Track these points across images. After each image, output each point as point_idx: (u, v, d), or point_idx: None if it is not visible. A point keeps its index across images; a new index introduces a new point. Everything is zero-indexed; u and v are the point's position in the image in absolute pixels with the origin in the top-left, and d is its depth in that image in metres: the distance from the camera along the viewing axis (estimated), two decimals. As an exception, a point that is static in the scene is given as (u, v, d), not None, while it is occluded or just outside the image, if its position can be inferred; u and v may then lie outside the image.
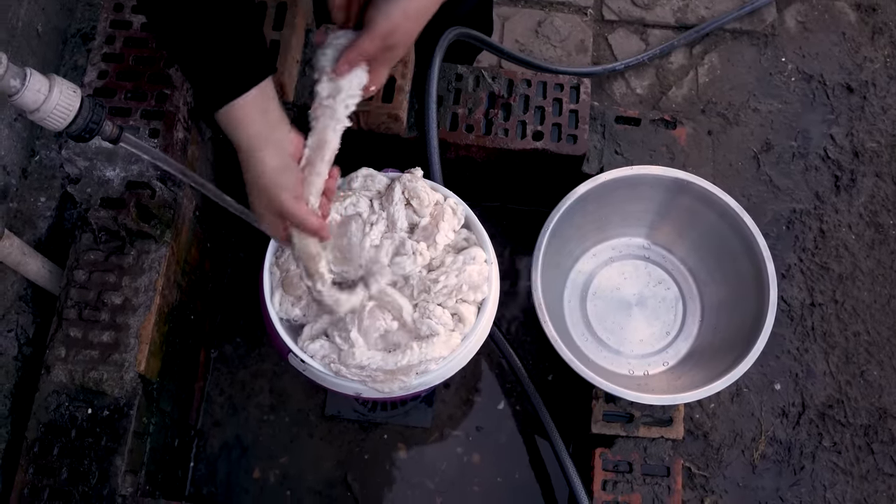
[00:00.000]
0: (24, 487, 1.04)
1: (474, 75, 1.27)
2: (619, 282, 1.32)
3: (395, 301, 0.99)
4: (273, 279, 1.02)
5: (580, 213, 1.23)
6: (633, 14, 1.74)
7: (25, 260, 1.10)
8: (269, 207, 0.90)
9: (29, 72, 0.76)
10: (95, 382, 1.07)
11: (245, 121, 0.85)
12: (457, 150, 1.27)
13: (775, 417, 1.43)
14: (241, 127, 0.85)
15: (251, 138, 0.86)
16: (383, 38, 0.89)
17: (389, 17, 0.88)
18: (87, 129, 0.80)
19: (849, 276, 1.53)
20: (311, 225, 0.91)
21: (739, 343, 1.16)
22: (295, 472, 1.31)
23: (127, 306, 1.11)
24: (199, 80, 0.86)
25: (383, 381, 0.97)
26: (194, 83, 0.88)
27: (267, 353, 1.37)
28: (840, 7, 1.75)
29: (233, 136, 0.86)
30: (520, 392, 1.35)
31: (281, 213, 0.90)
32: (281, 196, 0.88)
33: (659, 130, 1.29)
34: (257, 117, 0.85)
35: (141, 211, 1.13)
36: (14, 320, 1.19)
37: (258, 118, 0.85)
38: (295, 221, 0.90)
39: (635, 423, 1.17)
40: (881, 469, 1.42)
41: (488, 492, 1.31)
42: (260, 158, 0.87)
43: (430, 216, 1.04)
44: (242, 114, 0.84)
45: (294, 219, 0.90)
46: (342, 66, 0.90)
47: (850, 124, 1.64)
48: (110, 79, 1.19)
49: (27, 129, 1.30)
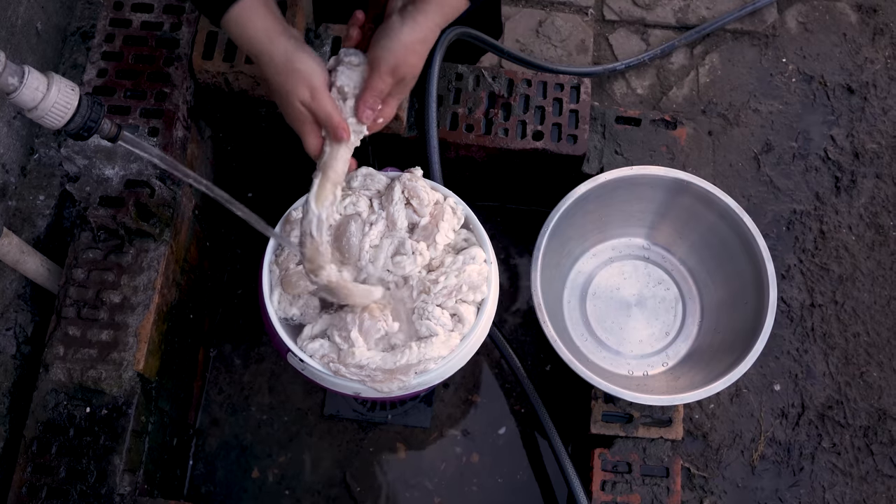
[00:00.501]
0: (23, 486, 1.04)
1: (474, 75, 1.27)
2: (618, 282, 1.32)
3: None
4: (272, 278, 1.02)
5: (580, 213, 1.23)
6: (633, 14, 1.74)
7: (24, 258, 1.10)
8: (294, 109, 0.90)
9: (27, 69, 0.75)
10: (94, 381, 1.07)
11: (250, 19, 0.86)
12: (457, 150, 1.27)
13: (775, 418, 1.43)
14: (247, 26, 0.86)
15: (260, 34, 0.87)
16: (391, 74, 0.91)
17: (393, 51, 0.90)
18: (86, 128, 0.80)
19: (849, 277, 1.53)
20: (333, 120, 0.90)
21: (739, 344, 1.16)
22: (294, 472, 1.31)
23: (126, 305, 1.10)
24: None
25: (382, 380, 0.97)
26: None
27: (266, 353, 1.37)
28: (841, 8, 1.75)
29: (242, 39, 0.87)
30: (519, 392, 1.35)
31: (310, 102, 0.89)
32: (312, 81, 0.88)
33: (659, 131, 1.28)
34: (261, 13, 0.86)
35: (140, 209, 1.13)
36: (13, 319, 1.19)
37: (262, 14, 0.86)
38: (322, 113, 0.89)
39: (634, 423, 1.16)
40: (880, 470, 1.42)
41: (487, 492, 1.31)
42: (284, 48, 0.87)
43: (429, 216, 1.03)
44: (246, 13, 0.85)
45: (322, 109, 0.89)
46: (363, 112, 0.93)
47: (850, 125, 1.64)
48: (110, 77, 1.19)
49: (26, 128, 1.30)
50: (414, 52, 0.90)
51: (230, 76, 1.20)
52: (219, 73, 1.20)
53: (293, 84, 0.89)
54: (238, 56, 1.19)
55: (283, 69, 0.88)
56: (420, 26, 0.90)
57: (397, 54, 0.90)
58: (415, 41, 0.90)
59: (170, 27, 1.22)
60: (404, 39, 0.89)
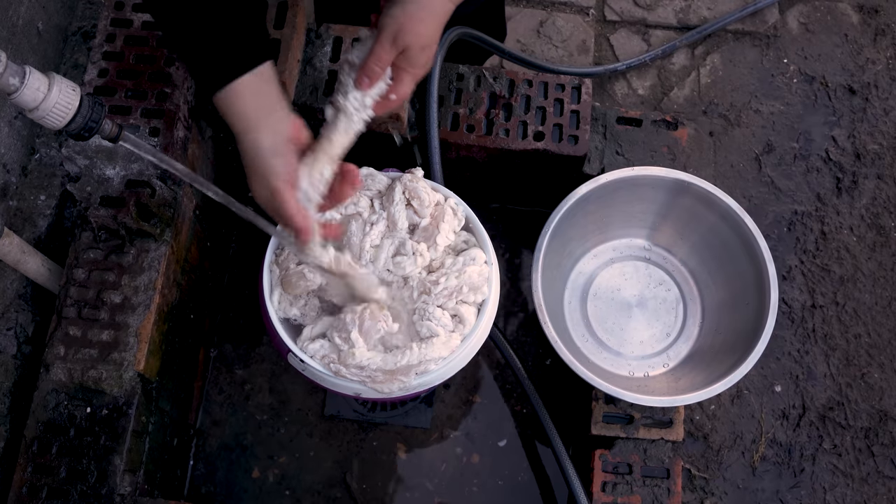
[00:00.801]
0: (23, 486, 1.04)
1: (475, 75, 1.27)
2: (619, 283, 1.32)
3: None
4: (273, 278, 1.02)
5: (581, 213, 1.22)
6: (634, 14, 1.74)
7: (25, 258, 1.10)
8: (261, 196, 0.90)
9: (28, 70, 0.75)
10: (94, 381, 1.07)
11: (239, 104, 0.86)
12: (457, 151, 1.26)
13: (775, 419, 1.43)
14: (235, 110, 0.86)
15: (246, 120, 0.87)
16: (392, 41, 0.89)
17: (394, 17, 0.89)
18: (87, 128, 0.80)
19: (850, 279, 1.53)
20: (295, 223, 0.89)
21: (740, 345, 1.16)
22: (294, 472, 1.31)
23: (126, 305, 1.10)
24: (196, 64, 0.87)
25: (383, 381, 0.97)
26: (192, 68, 0.89)
27: (266, 353, 1.37)
28: (842, 9, 1.75)
29: (228, 119, 0.88)
30: (519, 393, 1.35)
31: (270, 201, 0.89)
32: (272, 181, 0.88)
33: (660, 131, 1.28)
34: (252, 100, 0.86)
35: (141, 210, 1.13)
36: (13, 318, 1.19)
37: (253, 101, 0.86)
38: (281, 213, 0.89)
39: (635, 424, 1.16)
40: (881, 472, 1.42)
41: (487, 493, 1.31)
42: (253, 140, 0.87)
43: (430, 217, 1.03)
44: (237, 97, 0.85)
45: (281, 210, 0.89)
46: (361, 79, 0.91)
47: (851, 126, 1.64)
48: (111, 77, 1.19)
49: (27, 127, 1.30)
50: (418, 20, 0.89)
51: (231, 76, 1.20)
52: (220, 73, 1.20)
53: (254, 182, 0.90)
54: (239, 56, 1.19)
55: (249, 164, 0.89)
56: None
57: (399, 20, 0.88)
58: (419, 9, 0.88)
59: (171, 27, 1.21)
60: (407, 7, 0.88)
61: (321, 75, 1.24)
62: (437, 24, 0.91)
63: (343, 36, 1.26)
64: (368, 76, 0.91)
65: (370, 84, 0.92)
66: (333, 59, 1.25)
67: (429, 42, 0.91)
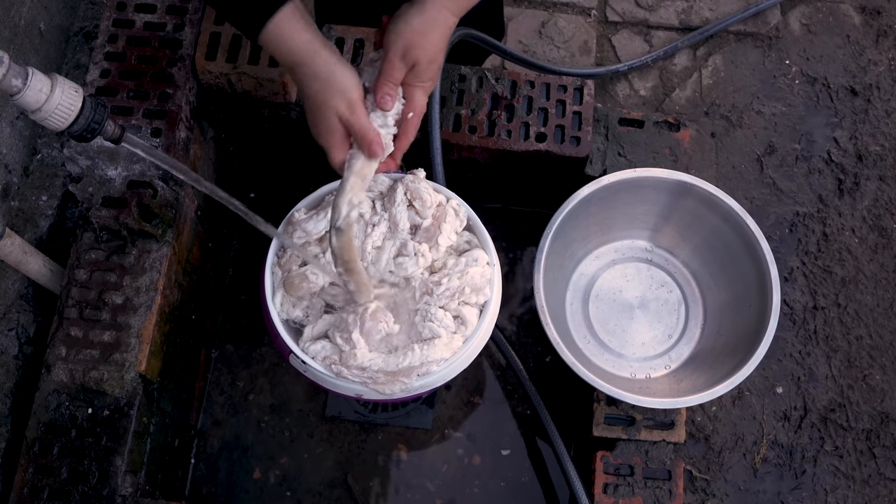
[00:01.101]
0: (24, 487, 1.04)
1: (478, 76, 1.27)
2: (621, 284, 1.32)
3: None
4: (275, 279, 1.02)
5: (583, 215, 1.22)
6: (636, 15, 1.73)
7: (26, 259, 1.10)
8: (332, 116, 0.90)
9: (31, 71, 0.75)
10: (96, 382, 1.07)
11: (288, 33, 0.86)
12: (459, 152, 1.26)
13: (777, 421, 1.43)
14: (286, 40, 0.86)
15: (299, 49, 0.87)
16: (401, 57, 0.90)
17: (401, 34, 0.90)
18: (89, 129, 0.80)
19: (851, 280, 1.53)
20: (370, 135, 0.90)
21: (742, 346, 1.16)
22: (295, 473, 1.30)
23: (128, 306, 1.10)
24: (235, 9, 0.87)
25: (384, 382, 0.97)
26: (232, 14, 0.90)
27: (268, 354, 1.37)
28: (844, 10, 1.75)
29: (281, 53, 0.88)
30: (521, 394, 1.35)
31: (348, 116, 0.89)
32: (349, 95, 0.88)
33: (662, 133, 1.28)
34: (299, 27, 0.86)
35: (142, 210, 1.13)
36: (15, 319, 1.19)
37: (300, 28, 0.86)
38: (357, 127, 0.90)
39: (637, 426, 1.16)
40: (883, 473, 1.41)
41: (489, 494, 1.31)
42: (324, 61, 0.87)
43: (432, 218, 1.03)
44: (283, 28, 0.86)
45: (358, 124, 0.89)
46: (385, 100, 0.92)
47: (853, 127, 1.64)
48: (113, 78, 1.19)
49: (29, 128, 1.30)
50: (422, 34, 0.90)
51: (233, 77, 1.20)
52: (222, 73, 1.20)
53: (331, 96, 0.89)
54: (241, 57, 1.19)
55: (323, 81, 0.88)
56: (428, 10, 0.90)
57: (405, 37, 0.89)
58: (423, 23, 0.89)
59: (173, 28, 1.22)
60: (412, 22, 0.89)
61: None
62: (443, 36, 0.92)
63: (345, 37, 1.26)
64: (390, 95, 0.92)
65: (392, 104, 0.93)
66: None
67: (436, 55, 0.92)
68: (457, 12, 0.91)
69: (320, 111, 0.90)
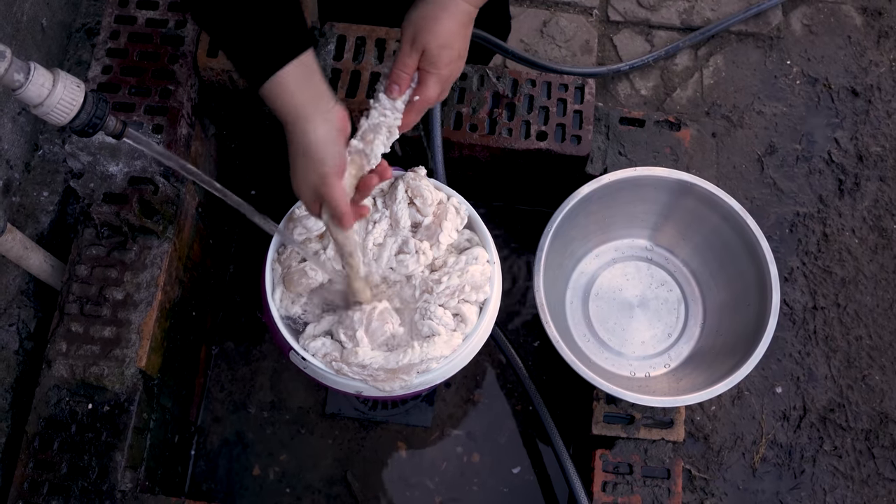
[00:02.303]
0: (24, 481, 1.04)
1: (479, 74, 1.27)
2: (621, 283, 1.32)
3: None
4: (275, 276, 1.02)
5: (583, 213, 1.22)
6: (638, 15, 1.74)
7: (27, 254, 1.10)
8: (307, 182, 0.90)
9: (33, 66, 0.75)
10: (96, 377, 1.07)
11: (288, 92, 0.86)
12: (460, 150, 1.27)
13: (776, 421, 1.43)
14: (285, 99, 0.86)
15: (296, 109, 0.87)
16: (412, 43, 0.91)
17: (410, 20, 0.91)
18: (91, 124, 0.80)
19: (851, 280, 1.53)
20: (341, 208, 0.90)
21: (741, 346, 1.16)
22: (295, 470, 1.31)
23: (128, 302, 1.10)
24: (242, 58, 0.87)
25: (384, 379, 0.97)
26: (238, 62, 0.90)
27: (268, 351, 1.37)
28: (846, 11, 1.75)
29: (278, 109, 0.88)
30: (521, 392, 1.35)
31: (319, 187, 0.90)
32: (323, 169, 0.88)
33: (663, 132, 1.28)
34: (300, 88, 0.86)
35: (143, 206, 1.13)
36: (15, 314, 1.19)
37: (301, 89, 0.86)
38: (328, 199, 0.90)
39: (636, 424, 1.16)
40: (882, 474, 1.42)
41: (488, 491, 1.31)
42: (304, 129, 0.88)
43: (433, 215, 1.04)
44: (285, 86, 0.85)
45: (328, 196, 0.90)
46: (391, 87, 0.93)
47: (854, 128, 1.64)
48: (114, 74, 1.19)
49: (31, 124, 1.30)
50: (433, 19, 0.90)
51: (234, 74, 1.20)
52: (223, 70, 1.20)
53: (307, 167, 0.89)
54: (243, 54, 1.19)
55: (301, 150, 0.89)
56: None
57: (415, 23, 0.90)
58: (433, 9, 0.90)
59: (175, 24, 1.22)
60: (421, 8, 0.90)
61: (325, 74, 1.24)
62: (456, 23, 0.91)
63: (347, 34, 1.26)
64: (397, 83, 0.93)
65: (400, 91, 0.93)
66: (337, 57, 1.25)
67: (448, 41, 0.92)
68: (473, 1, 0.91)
69: (296, 174, 0.91)
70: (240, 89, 1.23)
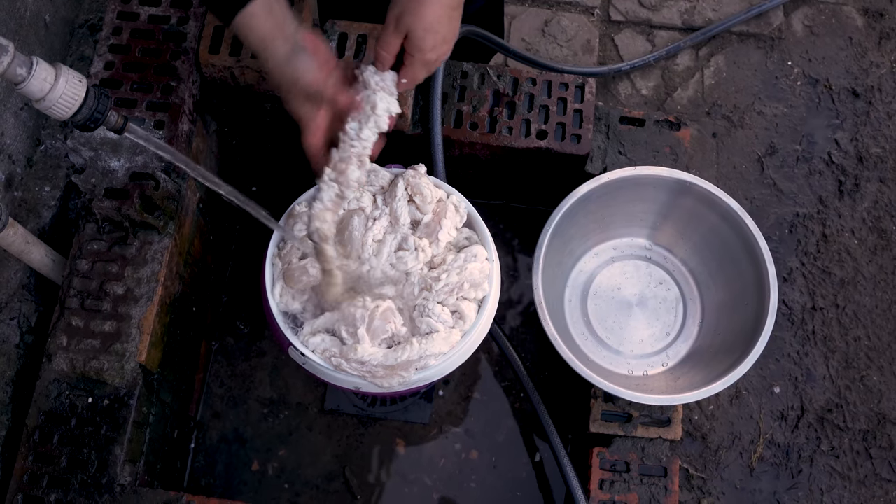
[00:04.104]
0: (24, 474, 1.05)
1: (480, 73, 1.28)
2: (620, 282, 1.32)
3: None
4: (275, 271, 1.02)
5: (582, 212, 1.23)
6: (639, 15, 1.74)
7: (29, 248, 1.11)
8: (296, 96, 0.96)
9: (35, 61, 0.76)
10: (96, 372, 1.08)
11: (253, 23, 0.91)
12: (461, 148, 1.27)
13: (774, 420, 1.44)
14: (252, 30, 0.91)
15: (263, 38, 0.92)
16: (395, 25, 0.92)
17: (396, 2, 0.93)
18: (93, 119, 0.80)
19: (850, 281, 1.53)
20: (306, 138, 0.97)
21: (739, 345, 1.17)
22: (293, 466, 1.31)
23: (129, 296, 1.11)
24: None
25: (383, 376, 0.97)
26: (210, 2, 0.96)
27: (268, 346, 1.37)
28: (847, 12, 1.75)
29: (248, 41, 0.94)
30: (519, 390, 1.36)
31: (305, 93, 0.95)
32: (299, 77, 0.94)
33: (663, 131, 1.29)
34: (264, 18, 0.91)
35: (144, 202, 1.13)
36: (16, 308, 1.20)
37: (265, 19, 0.91)
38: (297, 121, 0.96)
39: (633, 423, 1.17)
40: (879, 474, 1.42)
41: (486, 488, 1.31)
42: (272, 51, 0.93)
43: (432, 213, 1.04)
44: (250, 19, 0.90)
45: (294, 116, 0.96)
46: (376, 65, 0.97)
47: (855, 129, 1.64)
48: (116, 70, 1.19)
49: (33, 119, 1.30)
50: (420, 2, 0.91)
51: (236, 70, 1.21)
52: (225, 67, 1.20)
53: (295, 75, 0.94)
54: (244, 51, 1.20)
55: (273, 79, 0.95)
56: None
57: (401, 4, 0.92)
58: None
59: (177, 21, 1.22)
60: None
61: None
62: (443, 6, 0.92)
63: (348, 32, 1.26)
64: (380, 61, 0.96)
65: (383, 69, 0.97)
66: (338, 55, 1.26)
67: (433, 25, 0.93)
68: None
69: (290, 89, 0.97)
70: (241, 86, 1.24)
